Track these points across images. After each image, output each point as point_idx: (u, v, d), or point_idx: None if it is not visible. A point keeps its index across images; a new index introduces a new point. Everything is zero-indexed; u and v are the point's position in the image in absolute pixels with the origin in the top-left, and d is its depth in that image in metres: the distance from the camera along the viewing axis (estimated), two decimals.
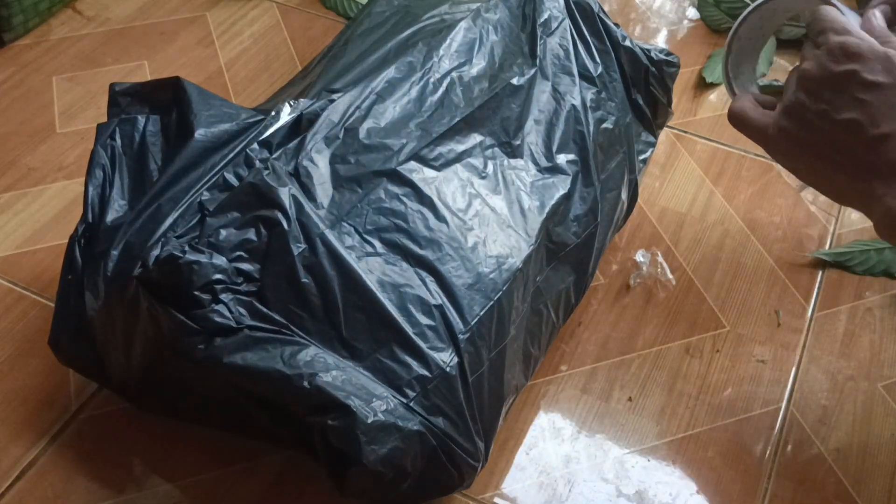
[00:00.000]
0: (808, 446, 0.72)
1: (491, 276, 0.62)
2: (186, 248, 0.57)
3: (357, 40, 0.76)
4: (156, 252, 0.57)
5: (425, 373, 0.58)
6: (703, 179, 0.93)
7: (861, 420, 0.74)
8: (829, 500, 0.69)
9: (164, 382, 0.65)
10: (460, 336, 0.59)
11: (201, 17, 1.09)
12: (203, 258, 0.57)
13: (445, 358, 0.58)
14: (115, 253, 0.61)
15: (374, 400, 0.56)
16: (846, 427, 0.74)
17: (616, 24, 0.79)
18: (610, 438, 0.72)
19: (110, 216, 0.63)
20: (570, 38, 0.76)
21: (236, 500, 0.66)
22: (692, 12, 1.14)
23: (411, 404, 0.57)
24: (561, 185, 0.70)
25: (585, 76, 0.75)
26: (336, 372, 0.56)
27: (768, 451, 0.72)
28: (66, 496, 0.66)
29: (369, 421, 0.55)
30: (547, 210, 0.68)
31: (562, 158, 0.71)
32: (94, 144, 0.67)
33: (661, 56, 0.81)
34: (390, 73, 0.68)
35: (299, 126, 0.64)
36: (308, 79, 0.74)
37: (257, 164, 0.61)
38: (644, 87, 0.80)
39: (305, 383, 0.55)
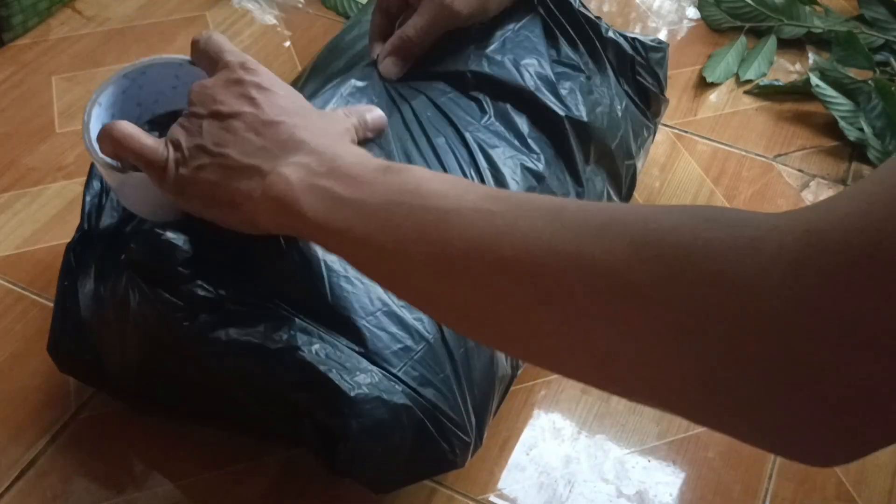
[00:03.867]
0: None
1: None
2: (167, 229, 0.57)
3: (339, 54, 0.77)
4: (138, 236, 0.57)
5: (410, 343, 0.58)
6: (704, 179, 0.93)
7: None
8: (830, 500, 0.69)
9: (160, 381, 0.65)
10: None
11: (201, 16, 1.09)
12: (183, 236, 0.57)
13: (430, 328, 0.59)
14: (107, 253, 0.61)
15: (358, 373, 0.56)
16: None
17: (597, 17, 0.79)
18: (610, 439, 0.72)
19: (105, 224, 0.64)
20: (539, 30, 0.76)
21: (236, 500, 0.66)
22: (692, 12, 1.14)
23: (399, 374, 0.57)
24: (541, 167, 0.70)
25: (571, 65, 0.75)
26: (319, 345, 0.56)
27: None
28: (66, 496, 0.66)
29: (353, 394, 0.55)
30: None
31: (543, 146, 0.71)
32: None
33: (647, 42, 0.80)
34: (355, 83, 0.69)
35: None
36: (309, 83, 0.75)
37: None
38: (632, 77, 0.79)
39: (287, 357, 0.55)
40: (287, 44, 1.06)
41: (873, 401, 0.33)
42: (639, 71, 0.79)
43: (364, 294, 0.58)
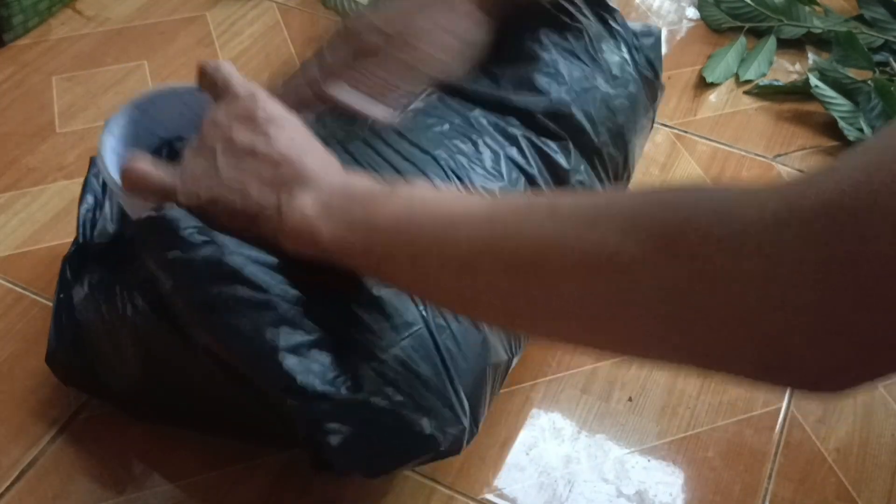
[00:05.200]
0: (808, 446, 0.72)
1: None
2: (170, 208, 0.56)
3: None
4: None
5: (411, 320, 0.58)
6: (704, 180, 0.93)
7: (861, 420, 0.74)
8: (829, 500, 0.69)
9: (159, 389, 0.65)
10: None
11: (201, 16, 1.09)
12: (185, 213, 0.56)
13: (413, 316, 0.58)
14: (103, 268, 0.62)
15: (340, 375, 0.55)
16: (846, 427, 0.74)
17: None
18: (610, 438, 0.72)
19: (101, 240, 0.65)
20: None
21: (236, 500, 0.66)
22: (692, 12, 1.15)
23: (382, 369, 0.56)
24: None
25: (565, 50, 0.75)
26: (303, 346, 0.54)
27: (769, 452, 0.72)
28: (66, 496, 0.66)
29: (332, 400, 0.54)
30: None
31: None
32: (87, 174, 0.69)
33: (637, 29, 0.79)
34: None
35: None
36: None
37: None
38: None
39: (269, 361, 0.54)
40: (287, 44, 1.06)
41: (853, 337, 0.36)
42: (635, 57, 0.78)
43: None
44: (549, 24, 0.74)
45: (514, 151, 0.68)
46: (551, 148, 0.70)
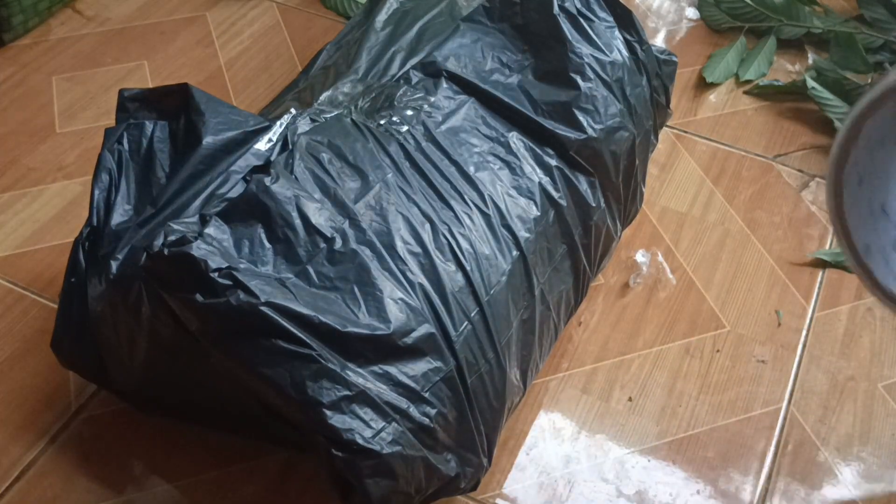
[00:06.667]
0: (808, 446, 0.72)
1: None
2: (196, 234, 0.55)
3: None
4: (160, 241, 0.55)
5: (440, 364, 0.58)
6: (704, 179, 0.93)
7: (861, 420, 0.74)
8: (830, 500, 0.69)
9: (165, 384, 0.64)
10: (454, 338, 0.59)
11: (201, 16, 1.09)
12: (214, 244, 0.55)
13: (445, 358, 0.58)
14: (119, 256, 0.61)
15: (382, 432, 0.55)
16: (846, 427, 0.74)
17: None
18: (610, 438, 0.72)
19: (115, 220, 0.64)
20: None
21: (236, 500, 0.66)
22: (692, 12, 1.14)
23: (416, 419, 0.56)
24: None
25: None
26: (343, 400, 0.54)
27: (769, 451, 0.72)
28: (66, 496, 0.66)
29: (372, 458, 0.54)
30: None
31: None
32: (101, 149, 0.68)
33: (659, 56, 0.80)
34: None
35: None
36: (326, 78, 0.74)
37: (254, 186, 0.60)
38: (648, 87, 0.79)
39: (312, 413, 0.54)
40: (287, 44, 1.06)
41: None
42: (653, 85, 0.79)
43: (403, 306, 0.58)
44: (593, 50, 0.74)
45: (547, 181, 0.68)
46: (581, 183, 0.70)
